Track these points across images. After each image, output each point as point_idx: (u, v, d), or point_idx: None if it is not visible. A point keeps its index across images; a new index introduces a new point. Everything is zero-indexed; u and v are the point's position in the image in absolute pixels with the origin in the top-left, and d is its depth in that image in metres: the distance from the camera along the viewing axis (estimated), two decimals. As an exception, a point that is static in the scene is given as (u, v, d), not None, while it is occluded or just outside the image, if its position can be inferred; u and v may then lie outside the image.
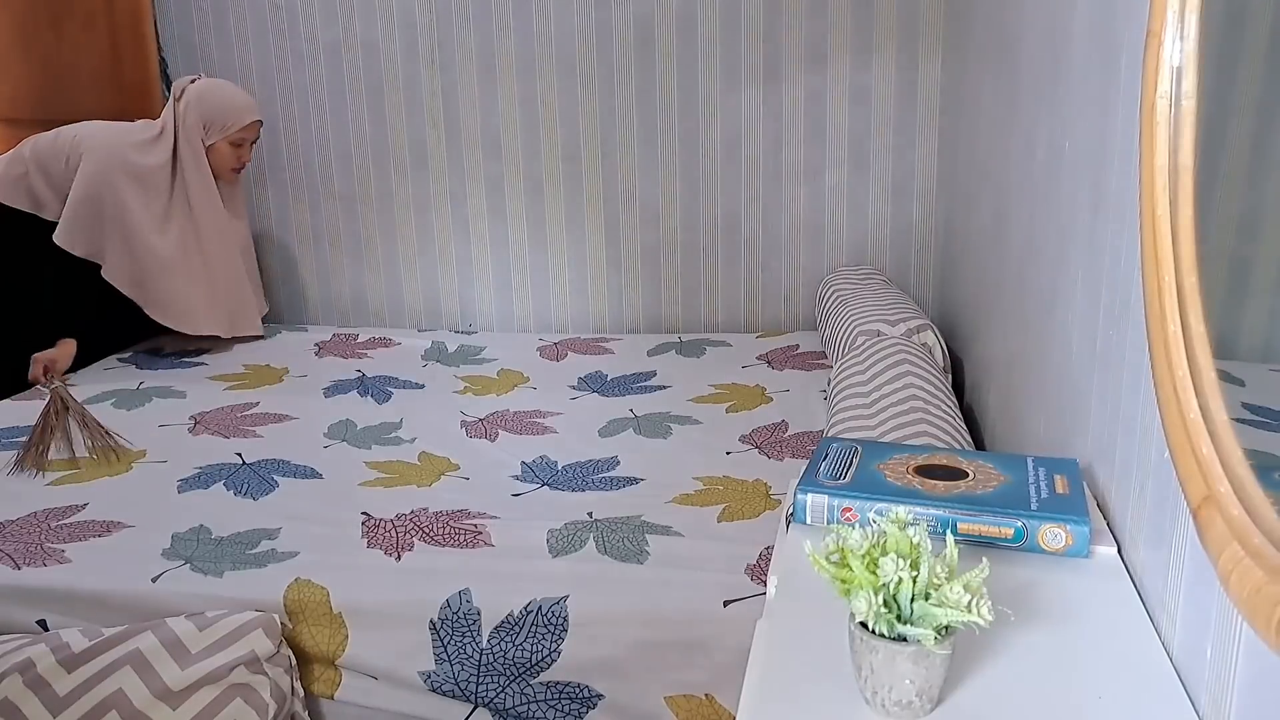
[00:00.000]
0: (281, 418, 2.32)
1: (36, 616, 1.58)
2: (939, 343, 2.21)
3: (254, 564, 1.62)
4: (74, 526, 1.77)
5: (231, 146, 2.81)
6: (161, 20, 3.18)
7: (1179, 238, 0.76)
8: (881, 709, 0.78)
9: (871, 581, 0.78)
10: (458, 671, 1.49)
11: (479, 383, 2.58)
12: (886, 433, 1.66)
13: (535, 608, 1.49)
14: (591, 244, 3.12)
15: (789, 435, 2.12)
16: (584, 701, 1.48)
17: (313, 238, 3.28)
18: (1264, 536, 0.62)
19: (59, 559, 1.65)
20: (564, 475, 1.97)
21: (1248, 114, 0.77)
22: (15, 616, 1.59)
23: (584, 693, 1.48)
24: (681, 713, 1.46)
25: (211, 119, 2.76)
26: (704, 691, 1.46)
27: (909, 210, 2.96)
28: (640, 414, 2.30)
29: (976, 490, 1.07)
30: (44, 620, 1.58)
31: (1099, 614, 0.93)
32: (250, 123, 2.81)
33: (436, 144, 3.13)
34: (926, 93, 2.87)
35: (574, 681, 1.48)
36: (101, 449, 2.09)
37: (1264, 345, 0.77)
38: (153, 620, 1.47)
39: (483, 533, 1.69)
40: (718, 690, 1.45)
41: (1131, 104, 1.00)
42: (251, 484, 1.94)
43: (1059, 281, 1.38)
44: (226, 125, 2.77)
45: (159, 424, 2.27)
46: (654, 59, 2.96)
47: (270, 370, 2.69)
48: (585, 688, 1.48)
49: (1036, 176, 1.57)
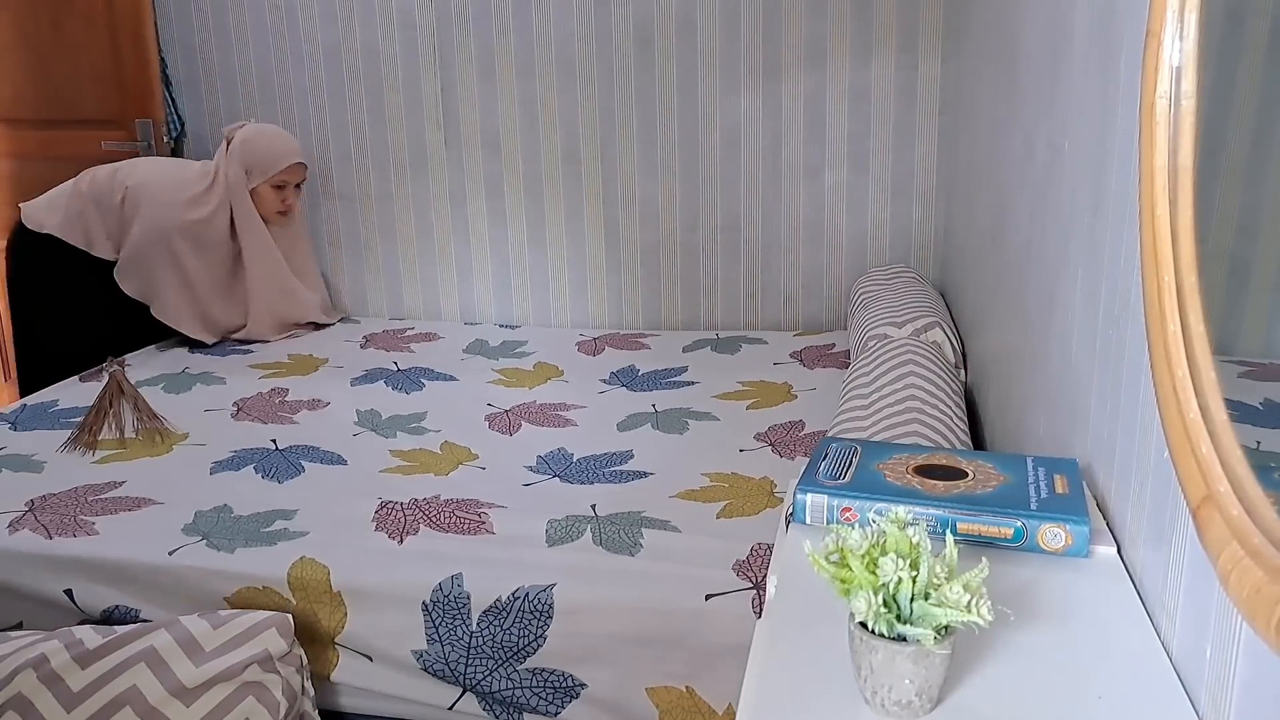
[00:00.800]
0: (315, 404, 2.39)
1: (63, 585, 1.68)
2: (949, 339, 2.22)
3: (265, 542, 1.69)
4: (108, 502, 1.86)
5: (274, 190, 2.87)
6: (161, 21, 3.18)
7: (1179, 238, 0.76)
8: (881, 709, 0.78)
9: (871, 581, 0.78)
10: (448, 652, 1.54)
11: (512, 375, 2.62)
12: (878, 432, 1.67)
13: (523, 594, 1.53)
14: (591, 244, 3.12)
15: (804, 434, 2.13)
16: (567, 691, 1.52)
17: (314, 238, 3.28)
18: (1263, 536, 0.62)
19: (88, 530, 1.74)
20: (576, 468, 2.00)
21: (1247, 114, 0.77)
22: (44, 584, 1.68)
23: (567, 681, 1.52)
24: (662, 704, 1.49)
25: (252, 164, 2.83)
26: (684, 683, 1.48)
27: (909, 210, 2.96)
28: (661, 409, 2.32)
29: (976, 490, 1.07)
30: (70, 590, 1.67)
31: (1099, 614, 0.93)
32: (291, 165, 2.86)
33: (436, 145, 3.13)
34: (926, 92, 2.86)
35: (559, 670, 1.52)
36: (149, 431, 2.19)
37: (1264, 345, 0.77)
38: (167, 618, 1.50)
39: (486, 521, 1.73)
40: (697, 682, 1.48)
41: (1131, 104, 1.00)
42: (280, 468, 2.01)
43: (1059, 281, 1.38)
44: (267, 169, 2.83)
45: (204, 409, 2.36)
46: (653, 60, 2.96)
47: (311, 360, 2.76)
48: (569, 676, 1.52)
49: (1036, 176, 1.57)
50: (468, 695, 1.56)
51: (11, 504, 1.85)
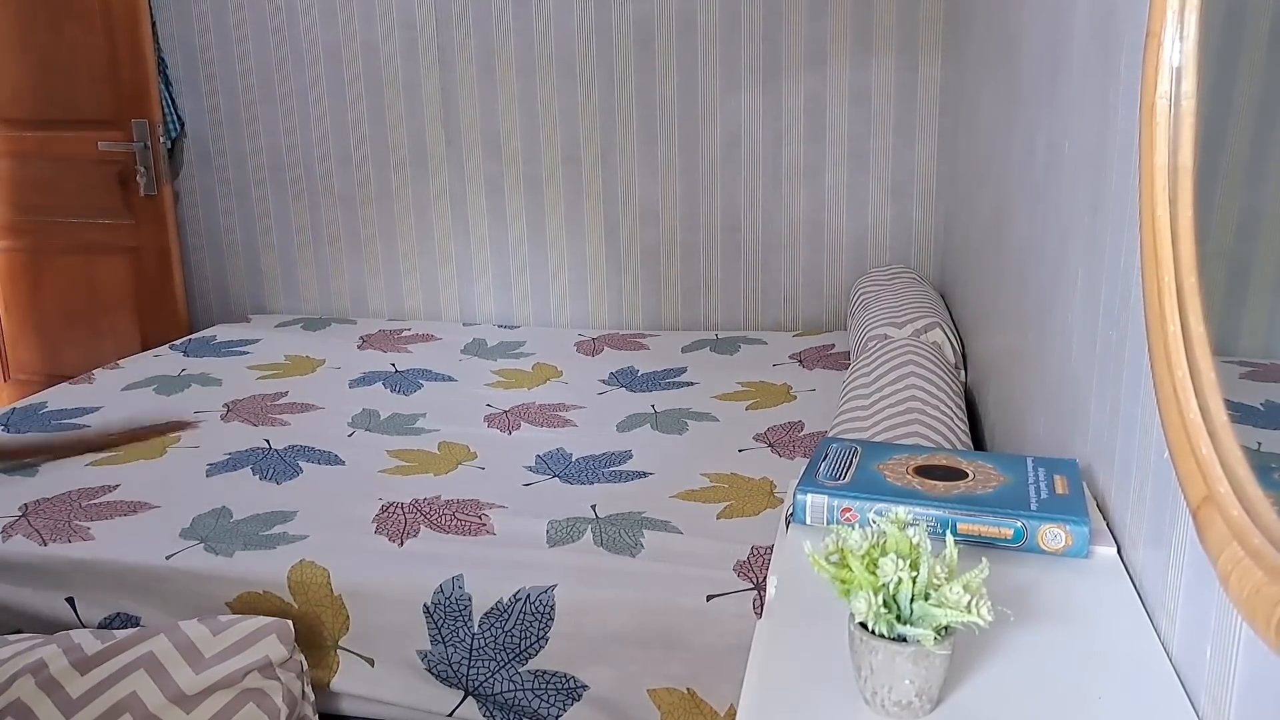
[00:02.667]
0: (308, 407, 2.37)
1: (58, 591, 1.66)
2: (949, 339, 2.22)
3: (264, 545, 1.68)
4: (103, 506, 1.85)
5: None
6: (161, 21, 3.18)
7: (1179, 238, 0.76)
8: (881, 709, 0.78)
9: (871, 582, 0.78)
10: (451, 653, 1.54)
11: (511, 376, 2.62)
12: (879, 432, 1.67)
13: (524, 596, 1.53)
14: (591, 244, 3.12)
15: (804, 434, 2.13)
16: (569, 693, 1.51)
17: (312, 238, 3.28)
18: (1263, 537, 0.62)
19: (83, 536, 1.73)
20: (576, 468, 2.00)
21: (1247, 114, 0.77)
22: (43, 592, 1.67)
23: (569, 683, 1.51)
24: (664, 705, 1.48)
25: None
26: (686, 685, 1.48)
27: (909, 210, 2.96)
28: (660, 409, 2.32)
29: (976, 491, 1.06)
30: (72, 598, 1.66)
31: (1098, 614, 0.93)
32: None
33: (436, 144, 3.13)
34: (926, 93, 2.86)
35: (560, 671, 1.51)
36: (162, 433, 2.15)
37: (1264, 346, 0.77)
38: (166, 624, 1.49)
39: (486, 523, 1.73)
40: (699, 684, 1.47)
41: (1131, 104, 1.00)
42: (278, 469, 2.00)
43: (1059, 281, 1.38)
44: None
45: (194, 410, 2.35)
46: (654, 60, 2.95)
47: (309, 361, 2.75)
48: (571, 678, 1.51)
49: (1036, 176, 1.57)
50: (469, 700, 1.55)
51: (5, 508, 1.84)
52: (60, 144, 3.22)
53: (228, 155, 3.28)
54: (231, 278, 3.38)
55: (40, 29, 3.10)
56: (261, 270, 3.34)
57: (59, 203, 3.27)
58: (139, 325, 3.28)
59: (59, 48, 3.10)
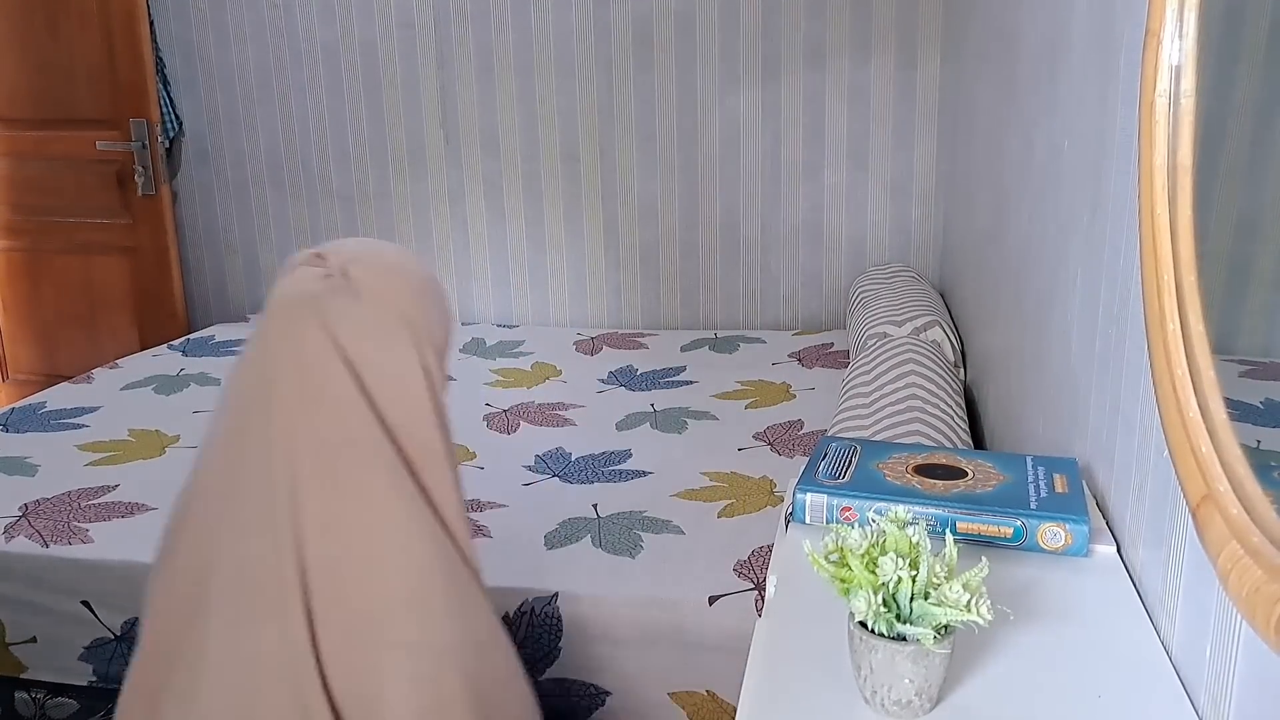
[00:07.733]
0: None
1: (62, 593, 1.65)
2: (948, 338, 2.22)
3: None
4: (101, 507, 1.84)
5: None
6: (159, 20, 3.18)
7: (1178, 237, 0.76)
8: (881, 708, 0.78)
9: (871, 581, 0.78)
10: None
11: (510, 375, 2.61)
12: (880, 431, 1.67)
13: (528, 609, 1.51)
14: (590, 243, 3.11)
15: (803, 433, 2.13)
16: (591, 698, 1.50)
17: (312, 237, 3.28)
18: (1263, 535, 0.62)
19: (83, 538, 1.73)
20: (575, 467, 2.00)
21: (1247, 113, 0.77)
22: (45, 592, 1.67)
23: (590, 690, 1.50)
24: (687, 708, 1.48)
25: None
26: (705, 687, 1.47)
27: (908, 210, 2.96)
28: (660, 409, 2.32)
29: (976, 489, 1.06)
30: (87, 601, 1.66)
31: (1098, 613, 0.93)
32: None
33: (435, 143, 3.13)
34: (925, 92, 2.86)
35: (580, 680, 1.50)
36: None
37: (1264, 344, 0.77)
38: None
39: (484, 527, 1.73)
40: (716, 685, 1.47)
41: (1130, 103, 1.00)
42: None
43: (1058, 281, 1.38)
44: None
45: (193, 410, 2.33)
46: (653, 58, 2.95)
47: None
48: (591, 685, 1.50)
49: (1036, 176, 1.57)
50: None
51: (5, 508, 1.83)
52: (58, 144, 3.22)
53: (226, 154, 3.28)
54: (230, 277, 3.38)
55: (38, 28, 3.10)
56: (260, 269, 3.34)
57: (57, 202, 3.26)
58: (137, 325, 3.28)
59: (57, 47, 3.10)
